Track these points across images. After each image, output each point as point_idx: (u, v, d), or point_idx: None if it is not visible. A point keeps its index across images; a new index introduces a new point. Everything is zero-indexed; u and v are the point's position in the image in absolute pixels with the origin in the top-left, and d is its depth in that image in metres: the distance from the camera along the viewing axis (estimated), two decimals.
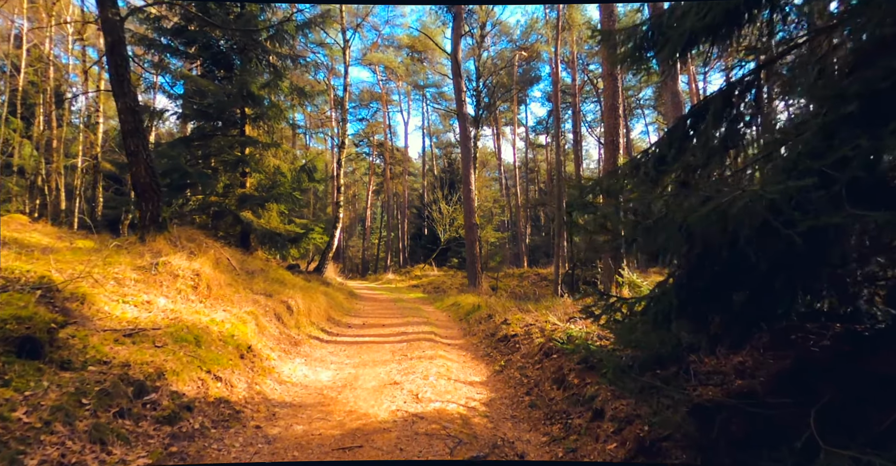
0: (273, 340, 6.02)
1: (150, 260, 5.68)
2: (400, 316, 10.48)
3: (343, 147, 17.10)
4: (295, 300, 7.51)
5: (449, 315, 11.26)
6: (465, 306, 11.52)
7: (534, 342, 6.42)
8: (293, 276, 11.06)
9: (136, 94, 6.67)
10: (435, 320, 10.35)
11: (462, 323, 9.86)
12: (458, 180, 31.54)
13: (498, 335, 7.48)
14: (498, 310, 9.11)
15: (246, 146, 15.34)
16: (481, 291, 16.33)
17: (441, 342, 7.85)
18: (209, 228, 15.75)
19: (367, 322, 9.54)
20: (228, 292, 6.11)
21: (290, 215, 17.31)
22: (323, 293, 10.16)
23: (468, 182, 16.90)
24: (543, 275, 26.37)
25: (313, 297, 8.47)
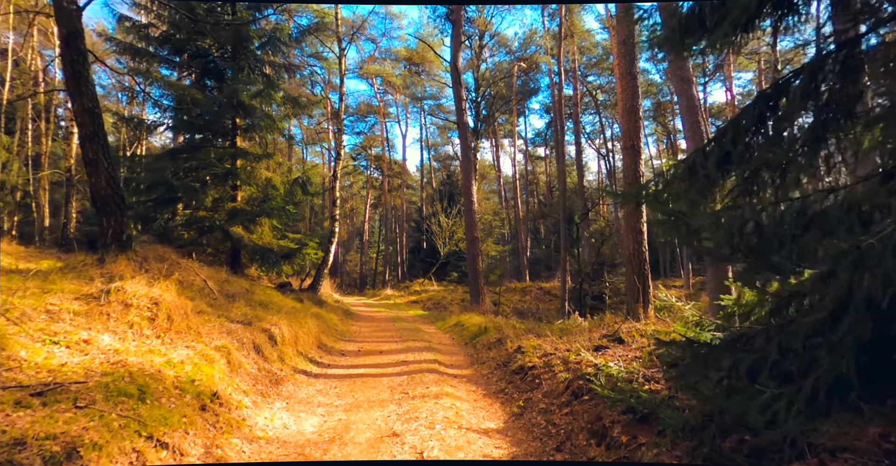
0: (249, 380, 4.99)
1: (100, 286, 4.69)
2: (399, 340, 9.46)
3: (339, 158, 16.22)
4: (279, 327, 6.49)
5: (452, 338, 10.23)
6: (469, 327, 10.50)
7: (557, 376, 5.41)
8: (283, 297, 10.05)
9: (96, 93, 5.74)
10: (437, 343, 9.32)
11: (468, 348, 8.83)
12: (458, 193, 30.67)
13: (512, 365, 6.46)
14: (509, 334, 8.10)
15: (237, 158, 14.46)
16: (484, 308, 15.31)
17: (446, 372, 6.82)
18: (197, 244, 14.80)
19: (362, 348, 8.50)
20: (196, 322, 5.10)
21: (283, 230, 16.37)
22: (314, 316, 9.13)
23: (469, 194, 15.99)
24: (546, 289, 25.36)
25: (302, 322, 7.45)
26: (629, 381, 4.13)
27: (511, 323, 9.66)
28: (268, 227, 15.43)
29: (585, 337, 6.84)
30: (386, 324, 12.47)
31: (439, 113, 38.29)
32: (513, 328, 8.62)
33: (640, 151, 7.67)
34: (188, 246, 14.28)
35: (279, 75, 16.49)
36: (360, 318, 14.05)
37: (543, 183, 43.35)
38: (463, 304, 22.36)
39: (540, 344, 6.88)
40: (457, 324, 11.51)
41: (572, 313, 16.33)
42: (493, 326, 9.36)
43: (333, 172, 16.60)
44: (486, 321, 10.72)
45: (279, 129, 15.67)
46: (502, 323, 9.53)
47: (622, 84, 7.83)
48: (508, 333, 8.25)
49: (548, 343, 6.91)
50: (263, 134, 14.88)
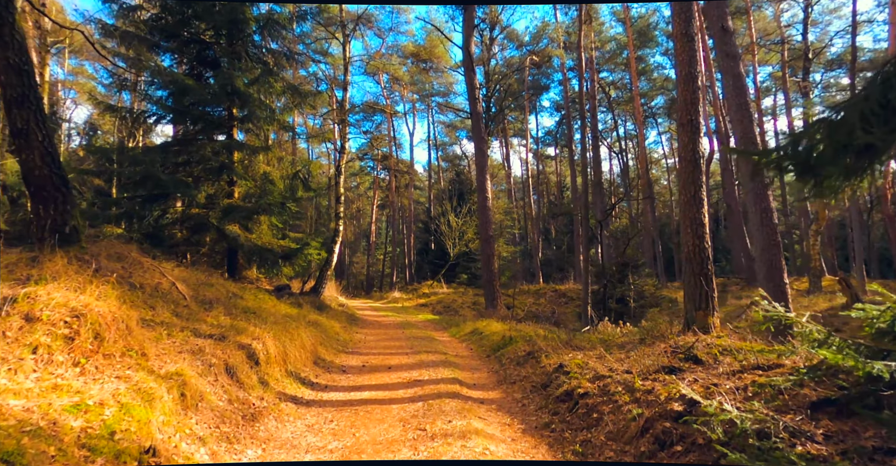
0: (211, 418, 3.63)
1: (5, 292, 3.36)
2: (410, 351, 8.08)
3: (344, 152, 14.92)
4: (263, 341, 5.13)
5: (470, 348, 8.84)
6: (489, 335, 9.10)
7: (623, 410, 4.02)
8: (277, 302, 8.71)
9: (26, 46, 4.44)
10: (454, 356, 7.95)
11: (491, 362, 7.43)
12: (468, 191, 29.31)
13: (554, 389, 5.06)
14: (542, 346, 6.70)
15: (233, 151, 13.19)
16: (501, 313, 13.92)
17: (471, 397, 5.44)
18: (190, 244, 13.53)
19: (367, 363, 7.13)
20: (142, 340, 3.76)
21: (284, 230, 15.09)
22: (312, 325, 7.77)
23: (483, 189, 14.62)
24: (562, 291, 23.89)
25: (294, 333, 6.09)
26: (763, 434, 2.72)
27: (540, 332, 8.25)
28: (266, 226, 14.15)
29: (642, 353, 5.44)
30: (394, 331, 11.10)
31: (448, 112, 37.01)
32: (544, 339, 7.22)
33: (700, 127, 6.30)
34: (180, 246, 13.03)
35: (279, 64, 15.21)
36: (366, 324, 12.69)
37: (553, 183, 41.92)
38: (475, 307, 20.96)
39: (585, 361, 5.48)
40: (474, 332, 10.12)
41: (595, 318, 14.88)
42: (520, 336, 7.96)
43: (337, 166, 15.29)
44: (508, 330, 9.31)
45: (279, 121, 14.37)
46: (530, 333, 8.13)
47: (678, 47, 6.45)
48: (540, 344, 6.85)
49: (595, 360, 5.51)
50: (261, 125, 13.59)
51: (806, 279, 23.65)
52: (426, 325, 13.24)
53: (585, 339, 7.00)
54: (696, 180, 6.28)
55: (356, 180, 44.15)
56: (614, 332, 7.71)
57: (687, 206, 6.32)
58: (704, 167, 6.31)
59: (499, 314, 13.22)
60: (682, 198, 6.45)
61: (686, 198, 6.35)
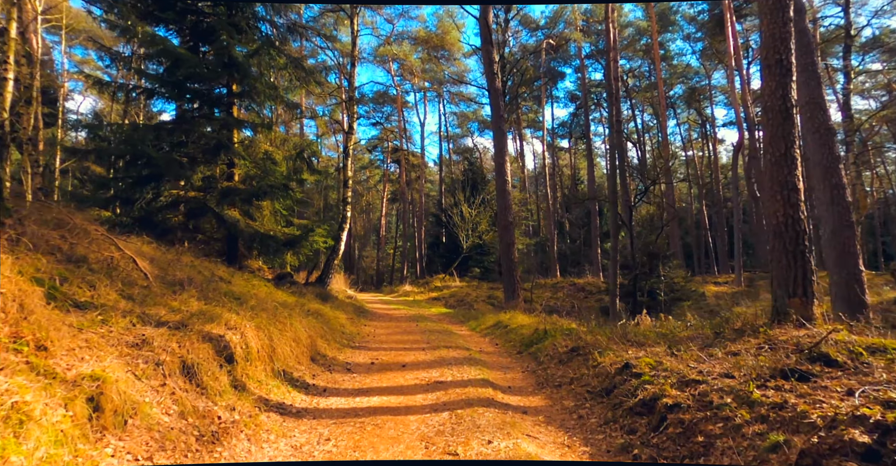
0: (147, 441, 2.40)
1: None
2: (427, 346, 6.82)
3: (352, 133, 13.68)
4: (242, 331, 3.90)
5: (495, 343, 7.57)
6: (516, 329, 7.82)
7: (744, 432, 2.74)
8: (274, 289, 7.50)
9: None
10: (479, 351, 6.69)
11: (525, 360, 6.16)
12: (481, 181, 28.02)
13: (626, 399, 3.75)
14: (589, 341, 5.40)
15: (231, 129, 12.04)
16: (521, 305, 12.62)
17: (509, 405, 4.18)
18: (186, 229, 12.39)
19: (377, 359, 5.88)
20: (47, 328, 2.53)
21: (289, 217, 13.92)
22: (312, 315, 6.54)
23: (502, 171, 13.32)
24: (580, 285, 22.53)
25: (286, 323, 4.85)
26: None
27: (579, 326, 6.96)
28: (269, 211, 13.00)
29: (731, 351, 4.14)
30: (407, 324, 9.86)
31: (460, 101, 35.68)
32: (590, 333, 5.92)
33: (791, 68, 4.98)
34: (176, 232, 11.88)
35: (283, 38, 14.02)
36: (376, 316, 11.46)
37: (567, 176, 40.44)
38: (490, 301, 19.67)
39: (658, 361, 4.18)
40: (497, 325, 8.84)
41: (623, 312, 13.54)
42: (556, 329, 6.67)
43: (344, 148, 14.08)
44: (538, 322, 8.03)
45: (283, 98, 13.13)
46: (569, 325, 6.83)
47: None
48: (587, 339, 5.56)
49: (670, 359, 4.22)
50: (263, 101, 12.37)
51: None
52: (441, 318, 11.99)
53: (640, 333, 5.70)
54: (787, 134, 4.95)
55: (366, 174, 43.01)
56: (669, 325, 6.39)
57: (775, 167, 4.99)
58: (795, 120, 4.94)
59: (520, 306, 11.94)
60: (769, 158, 5.11)
61: (774, 157, 5.02)
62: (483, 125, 38.18)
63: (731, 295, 19.62)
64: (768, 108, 5.08)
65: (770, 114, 5.08)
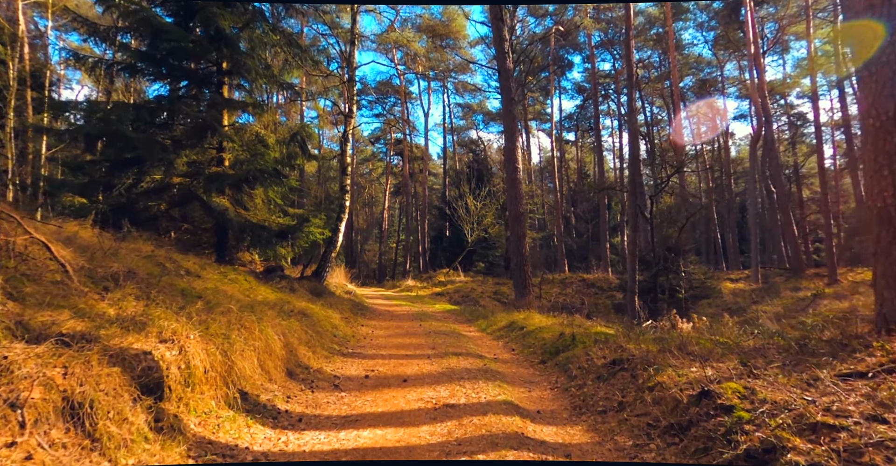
0: None
1: None
2: (433, 352, 5.72)
3: (351, 116, 12.52)
4: (181, 343, 2.78)
5: (511, 348, 6.45)
6: (535, 332, 6.69)
7: None
8: (258, 285, 6.40)
9: None
10: (493, 358, 5.58)
11: (551, 372, 5.03)
12: (486, 174, 26.86)
13: (717, 444, 2.64)
14: (634, 352, 4.28)
15: (221, 109, 10.94)
16: (534, 303, 11.51)
17: (545, 442, 3.07)
18: (170, 219, 11.33)
19: (373, 372, 4.76)
20: None
21: (284, 206, 12.81)
22: (298, 315, 5.41)
23: (513, 159, 12.15)
24: (590, 281, 21.41)
25: (254, 329, 3.72)
26: None
27: (608, 329, 5.83)
28: (261, 200, 11.87)
29: (836, 372, 3.01)
30: (410, 324, 8.75)
31: (465, 92, 34.45)
32: (631, 340, 4.80)
33: None
34: (160, 222, 10.82)
35: (278, 16, 12.87)
36: (375, 314, 10.37)
37: (574, 169, 39.21)
38: (497, 297, 18.58)
39: (750, 387, 3.05)
40: (511, 327, 7.72)
41: (642, 311, 12.42)
42: (585, 333, 5.54)
43: (343, 133, 12.93)
44: (558, 323, 6.91)
45: (277, 79, 11.95)
46: (599, 329, 5.70)
47: None
48: (630, 349, 4.43)
49: (759, 383, 3.09)
50: (253, 77, 11.20)
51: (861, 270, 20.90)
52: (446, 316, 10.88)
53: (693, 341, 4.57)
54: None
55: (369, 166, 41.87)
56: (727, 332, 5.25)
57: (882, 133, 3.83)
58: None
59: (532, 304, 10.83)
60: (870, 123, 3.96)
61: (879, 121, 3.86)
62: (488, 117, 36.97)
63: (750, 293, 18.49)
64: (873, 61, 3.92)
65: (873, 68, 3.92)
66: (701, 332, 5.64)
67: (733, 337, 4.74)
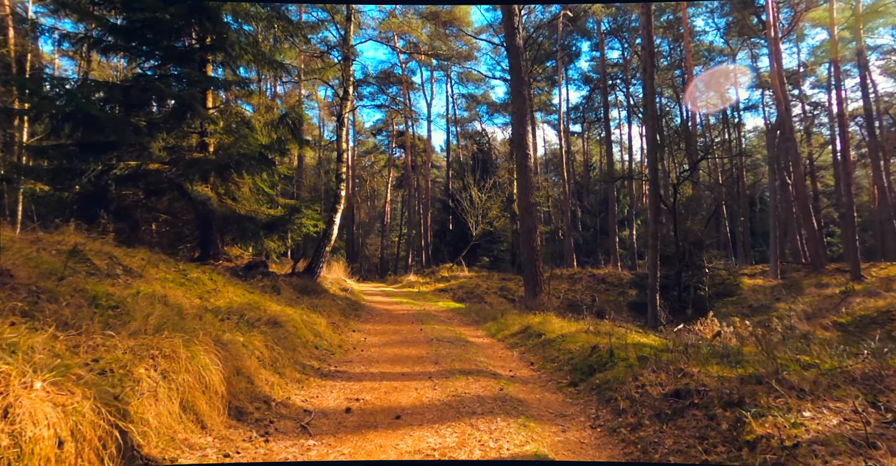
0: None
1: None
2: (435, 369, 4.58)
3: (348, 98, 11.32)
4: (8, 398, 1.67)
5: (527, 359, 5.31)
6: (557, 341, 5.53)
7: None
8: (227, 286, 5.24)
9: None
10: (509, 377, 4.46)
11: (584, 398, 3.88)
12: (491, 166, 25.64)
13: None
14: (703, 380, 3.13)
15: (204, 89, 9.83)
16: (548, 303, 10.35)
17: None
18: (147, 209, 10.24)
19: (359, 400, 3.63)
20: None
21: (274, 196, 11.69)
22: (264, 325, 4.24)
23: (524, 144, 10.95)
24: (600, 277, 20.22)
25: (178, 356, 2.58)
26: None
27: (654, 338, 4.67)
28: (248, 189, 10.75)
29: None
30: (409, 327, 7.61)
31: (468, 83, 33.13)
32: (699, 363, 3.64)
33: None
34: (134, 212, 9.73)
35: None
36: (372, 315, 9.24)
37: (579, 162, 37.89)
38: (503, 294, 17.43)
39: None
40: (526, 332, 6.57)
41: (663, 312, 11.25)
42: (622, 346, 4.38)
43: (339, 117, 11.74)
44: (584, 332, 5.75)
45: (265, 56, 10.74)
46: (649, 342, 4.54)
47: None
48: (699, 376, 3.28)
49: None
50: (238, 53, 10.01)
51: (885, 265, 19.67)
52: (450, 317, 9.74)
53: (791, 367, 3.40)
54: None
55: (370, 159, 40.68)
56: (795, 345, 4.08)
57: None
58: None
59: (546, 304, 9.69)
60: None
61: None
62: (492, 109, 35.65)
63: (770, 289, 17.28)
64: None
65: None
66: (760, 342, 4.47)
67: (827, 356, 3.57)
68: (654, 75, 11.05)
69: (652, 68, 11.44)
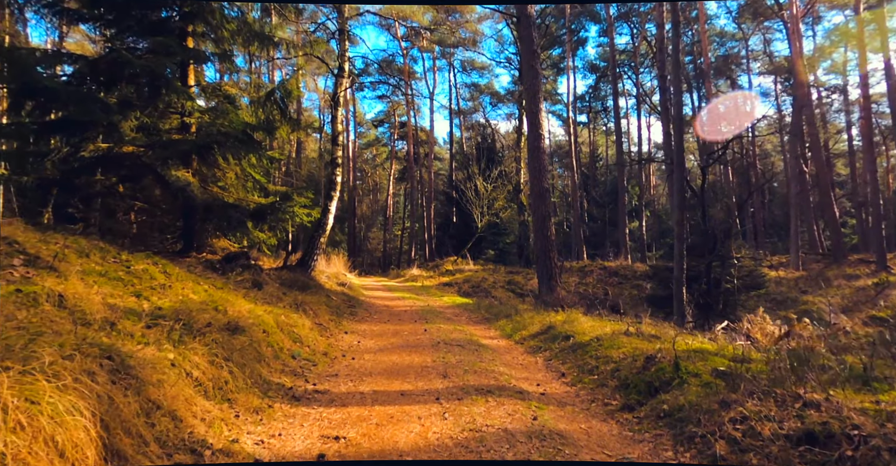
0: None
1: None
2: (443, 384, 3.50)
3: (343, 75, 10.18)
4: None
5: (556, 368, 4.23)
6: (590, 344, 4.45)
7: None
8: (179, 279, 4.16)
9: None
10: (537, 393, 3.38)
11: (650, 431, 2.80)
12: (499, 152, 24.49)
13: None
14: (861, 422, 2.07)
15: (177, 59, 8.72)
16: (564, 297, 9.26)
17: None
18: (120, 197, 9.14)
19: (340, 439, 2.55)
20: None
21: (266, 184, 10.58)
22: (216, 333, 3.19)
23: (537, 124, 9.82)
24: (612, 269, 19.07)
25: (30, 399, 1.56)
26: None
27: (710, 343, 3.58)
28: (234, 174, 9.65)
29: None
30: (412, 328, 6.52)
31: (472, 71, 31.88)
32: (798, 375, 2.55)
33: None
34: (105, 198, 8.66)
35: None
36: (370, 312, 8.17)
37: (585, 154, 36.62)
38: (511, 287, 16.34)
39: None
40: (548, 332, 5.48)
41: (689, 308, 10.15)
42: (685, 355, 3.29)
43: (334, 95, 10.61)
44: (622, 334, 4.66)
45: (252, 29, 9.59)
46: (706, 347, 3.45)
47: None
48: (845, 412, 2.20)
49: None
50: (219, 22, 8.88)
51: None
52: (457, 314, 8.66)
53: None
54: None
55: (372, 151, 39.54)
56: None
57: None
58: None
59: (564, 299, 8.61)
60: None
61: None
62: (496, 99, 34.39)
63: (794, 281, 16.15)
64: None
65: None
66: (840, 347, 3.38)
67: None
68: (678, 45, 9.87)
69: (677, 40, 10.25)
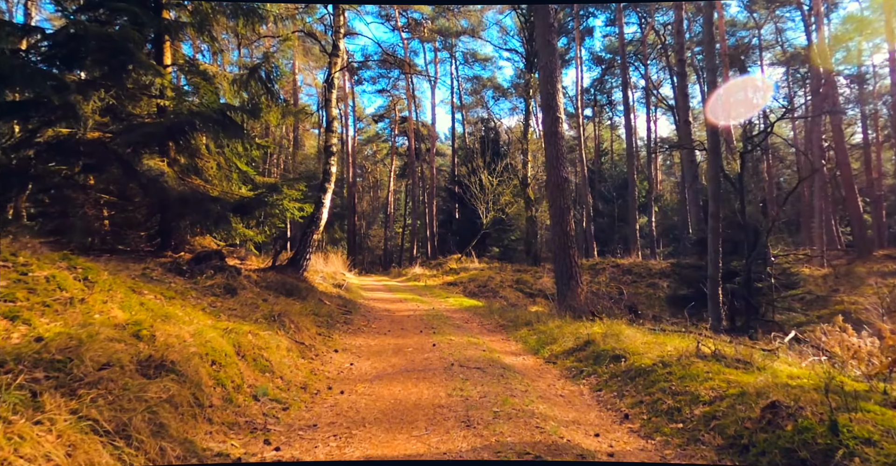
0: None
1: None
2: (465, 440, 2.39)
3: (337, 54, 9.01)
4: None
5: (618, 409, 3.12)
6: (655, 370, 3.33)
7: None
8: (101, 289, 3.02)
9: None
10: (604, 457, 2.29)
11: None
12: (504, 145, 23.33)
13: None
14: None
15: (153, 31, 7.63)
16: (583, 299, 8.11)
17: None
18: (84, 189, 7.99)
19: None
20: None
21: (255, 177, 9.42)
22: (130, 377, 2.09)
23: (553, 105, 8.66)
24: (625, 267, 17.91)
25: None
26: None
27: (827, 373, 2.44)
28: (216, 164, 8.53)
29: None
30: (416, 339, 5.38)
31: (474, 63, 30.67)
32: None
33: None
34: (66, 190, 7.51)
35: None
36: (368, 319, 7.01)
37: (590, 148, 35.40)
38: (519, 287, 15.20)
39: None
40: (588, 349, 4.34)
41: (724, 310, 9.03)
42: (820, 400, 2.16)
43: (328, 78, 9.45)
44: (692, 356, 3.52)
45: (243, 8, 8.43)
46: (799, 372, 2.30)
47: None
48: None
49: None
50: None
51: None
52: (467, 319, 7.52)
53: None
54: None
55: (372, 147, 38.36)
56: None
57: None
58: None
59: (589, 303, 7.49)
60: None
61: None
62: (499, 93, 33.14)
63: (822, 279, 15.01)
64: None
65: None
66: None
67: None
68: (712, 20, 8.69)
69: (711, 14, 9.06)
